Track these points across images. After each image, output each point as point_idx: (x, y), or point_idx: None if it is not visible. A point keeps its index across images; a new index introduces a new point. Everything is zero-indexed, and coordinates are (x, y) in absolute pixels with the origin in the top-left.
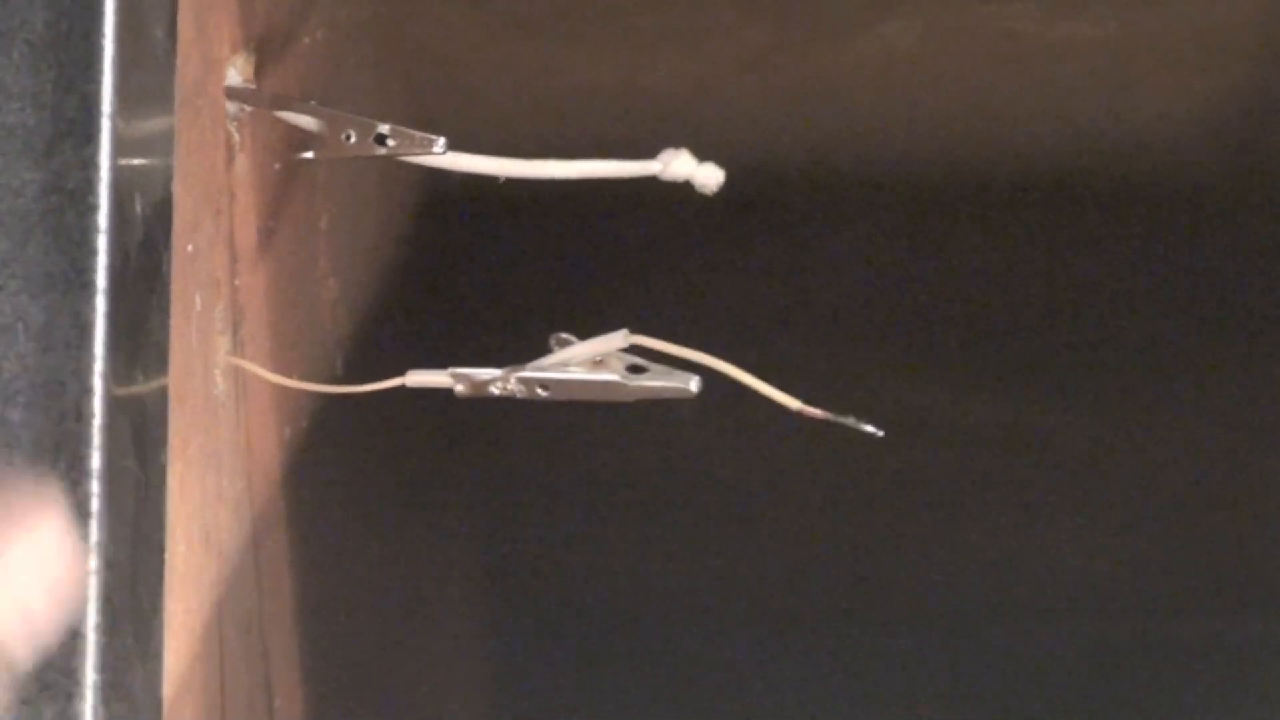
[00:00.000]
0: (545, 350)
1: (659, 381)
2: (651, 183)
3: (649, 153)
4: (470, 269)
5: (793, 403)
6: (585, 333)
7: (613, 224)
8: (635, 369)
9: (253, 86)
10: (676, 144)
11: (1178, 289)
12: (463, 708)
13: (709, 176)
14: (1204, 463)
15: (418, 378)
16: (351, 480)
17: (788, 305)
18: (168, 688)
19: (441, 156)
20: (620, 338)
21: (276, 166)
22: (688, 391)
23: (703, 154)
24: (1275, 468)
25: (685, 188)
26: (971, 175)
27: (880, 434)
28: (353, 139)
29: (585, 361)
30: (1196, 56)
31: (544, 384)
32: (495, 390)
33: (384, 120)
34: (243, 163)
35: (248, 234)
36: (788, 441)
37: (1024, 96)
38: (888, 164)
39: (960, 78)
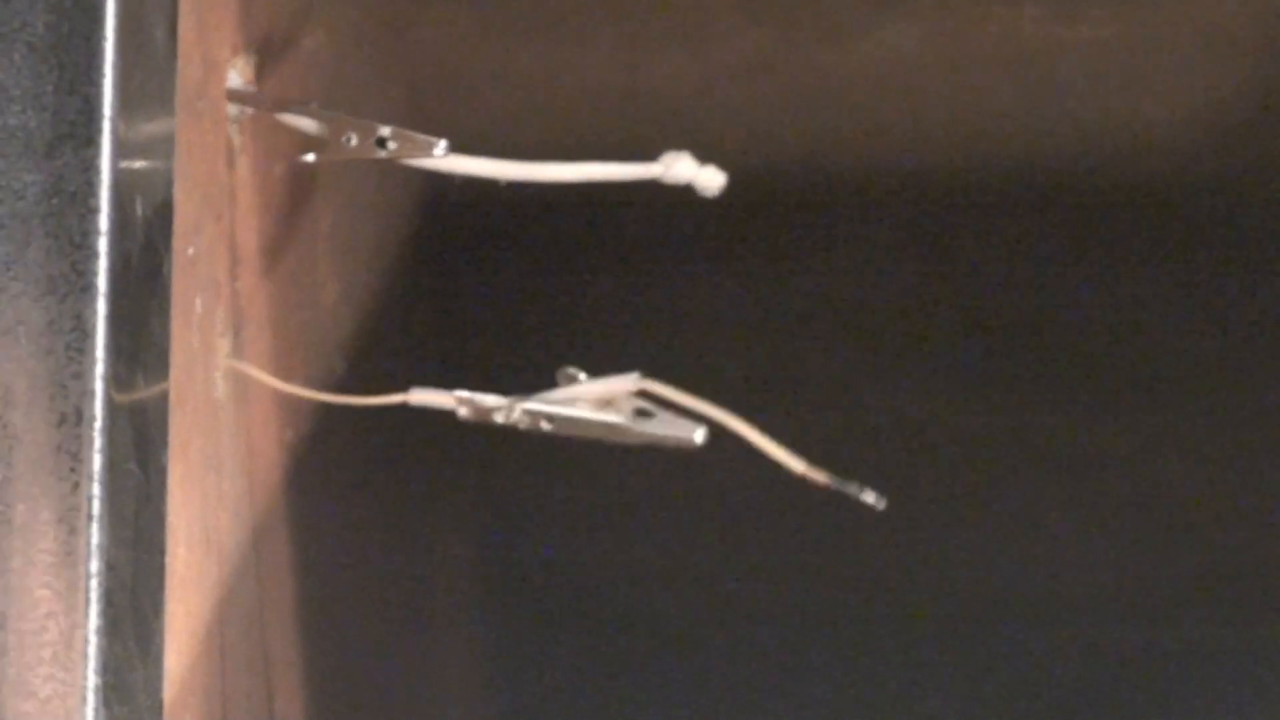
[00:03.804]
0: (546, 353)
1: (664, 430)
2: (654, 186)
3: (651, 155)
4: (471, 272)
5: (798, 465)
6: (586, 334)
7: (615, 227)
8: (642, 413)
9: (254, 89)
10: (678, 146)
11: (1179, 291)
12: (463, 711)
13: (710, 179)
14: (1203, 467)
15: (421, 396)
16: (353, 483)
17: (790, 308)
18: (169, 690)
19: (442, 159)
20: (630, 381)
21: (278, 170)
22: (692, 443)
23: (705, 156)
24: (1274, 472)
25: (687, 190)
26: (974, 177)
27: (882, 506)
28: (353, 142)
29: (592, 400)
30: (1198, 57)
31: (549, 418)
32: (499, 418)
33: (385, 123)
34: (244, 166)
35: (249, 237)
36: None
37: (1026, 98)
38: (890, 166)
39: (962, 79)
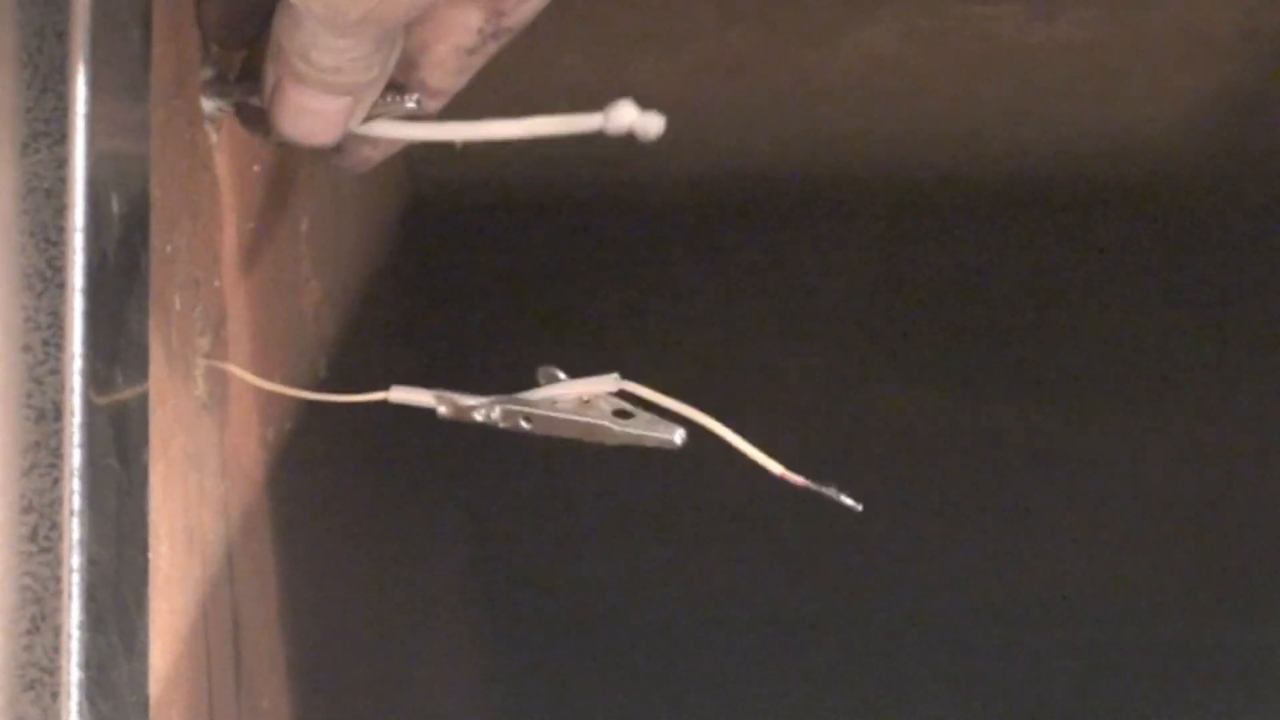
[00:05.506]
0: (529, 355)
1: (644, 430)
2: (640, 185)
3: (633, 152)
4: (455, 273)
5: (775, 467)
6: (569, 335)
7: (600, 225)
8: (622, 414)
9: (229, 83)
10: (659, 144)
11: (1169, 291)
12: (451, 710)
13: (649, 125)
14: (1201, 467)
15: (401, 395)
16: (335, 483)
17: (775, 310)
18: (154, 686)
19: (391, 126)
20: (610, 382)
21: (256, 167)
22: (672, 443)
23: (686, 155)
24: (1274, 472)
25: (669, 190)
26: (957, 178)
27: (859, 508)
28: None
29: (572, 400)
30: (1181, 58)
31: (528, 417)
32: (478, 417)
33: None
34: (222, 163)
35: (228, 235)
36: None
37: (1008, 99)
38: (872, 167)
39: (944, 80)
